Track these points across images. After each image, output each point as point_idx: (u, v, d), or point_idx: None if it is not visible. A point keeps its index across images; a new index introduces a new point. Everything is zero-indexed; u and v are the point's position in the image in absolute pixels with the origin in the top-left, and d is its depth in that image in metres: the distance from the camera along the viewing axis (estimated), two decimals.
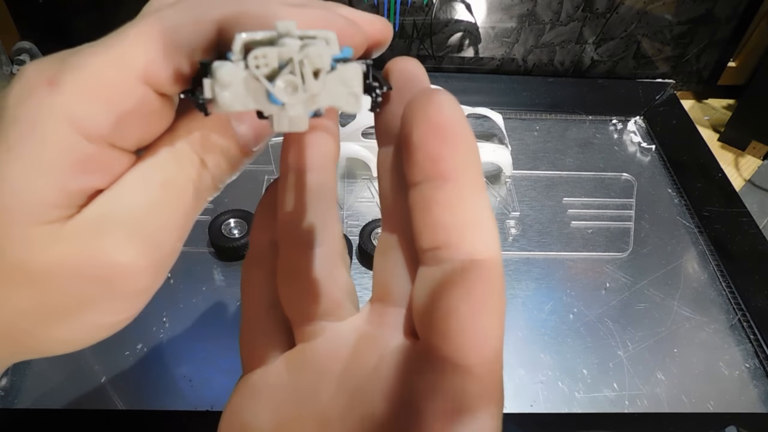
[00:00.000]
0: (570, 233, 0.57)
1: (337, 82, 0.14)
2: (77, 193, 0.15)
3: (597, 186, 0.62)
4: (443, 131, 0.14)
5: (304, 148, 0.18)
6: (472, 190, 0.14)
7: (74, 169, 0.14)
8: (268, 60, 0.13)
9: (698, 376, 0.46)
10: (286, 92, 0.14)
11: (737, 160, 0.71)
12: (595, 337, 0.48)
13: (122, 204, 0.15)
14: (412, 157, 0.14)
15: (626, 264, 0.54)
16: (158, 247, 0.16)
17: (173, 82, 0.15)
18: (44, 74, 0.14)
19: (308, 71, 0.14)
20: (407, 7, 0.68)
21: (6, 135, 0.14)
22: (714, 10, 0.71)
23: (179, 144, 0.16)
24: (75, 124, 0.14)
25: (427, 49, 0.73)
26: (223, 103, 0.14)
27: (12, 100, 0.15)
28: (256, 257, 0.20)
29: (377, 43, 0.20)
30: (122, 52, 0.15)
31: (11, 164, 0.14)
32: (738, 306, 0.51)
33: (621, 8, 0.70)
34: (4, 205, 0.14)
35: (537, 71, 0.77)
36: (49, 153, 0.14)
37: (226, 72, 0.13)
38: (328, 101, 0.14)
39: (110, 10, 0.70)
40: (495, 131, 0.65)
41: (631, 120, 0.70)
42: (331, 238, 0.18)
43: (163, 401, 0.42)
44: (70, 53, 0.15)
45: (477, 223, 0.14)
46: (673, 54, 0.75)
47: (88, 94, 0.14)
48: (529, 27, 0.72)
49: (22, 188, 0.14)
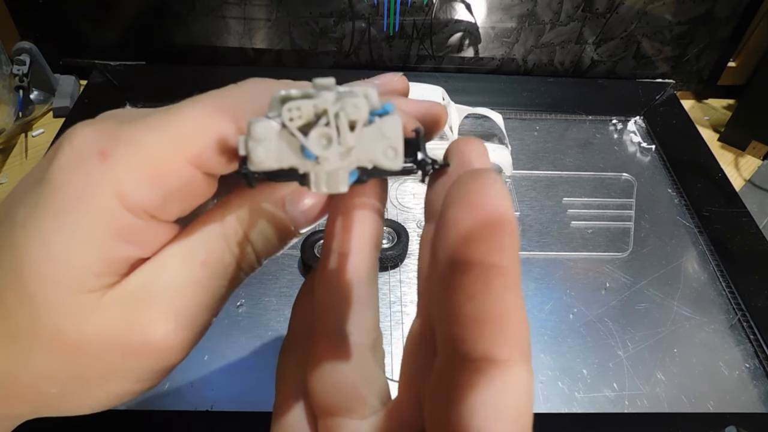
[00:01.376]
0: (570, 233, 0.57)
1: (374, 135, 0.13)
2: (119, 262, 0.15)
3: (597, 186, 0.62)
4: (484, 215, 0.13)
5: (347, 228, 0.17)
6: (506, 282, 0.12)
7: (117, 240, 0.15)
8: (302, 112, 0.13)
9: (698, 376, 0.46)
10: (320, 144, 0.13)
11: (737, 160, 0.71)
12: (595, 337, 0.48)
13: (163, 279, 0.15)
14: (446, 237, 0.13)
15: (626, 264, 0.54)
16: (193, 324, 0.16)
17: (224, 166, 0.15)
18: (96, 143, 0.14)
19: (344, 123, 0.13)
20: (407, 7, 0.68)
21: (53, 201, 0.14)
22: (714, 10, 0.71)
23: (228, 220, 0.16)
24: (122, 198, 0.14)
25: (427, 49, 0.73)
26: (257, 159, 0.13)
27: (61, 163, 0.14)
28: (292, 342, 0.19)
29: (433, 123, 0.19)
30: (178, 135, 0.15)
31: (57, 231, 0.14)
32: (738, 306, 0.51)
33: (621, 8, 0.70)
34: (46, 271, 0.14)
35: (537, 71, 0.77)
36: (95, 224, 0.14)
37: (260, 127, 0.13)
38: (365, 155, 0.13)
39: (110, 11, 0.70)
40: (495, 131, 0.65)
41: (631, 120, 0.70)
42: (364, 329, 0.17)
43: (163, 401, 0.42)
44: (125, 120, 0.15)
45: (503, 318, 0.12)
46: (673, 54, 0.75)
47: (138, 171, 0.14)
48: (529, 27, 0.72)
49: (65, 256, 0.14)
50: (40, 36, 0.69)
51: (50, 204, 0.14)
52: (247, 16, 0.70)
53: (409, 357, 0.16)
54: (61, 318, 0.14)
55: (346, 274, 0.17)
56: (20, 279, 0.14)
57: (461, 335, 0.12)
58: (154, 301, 0.15)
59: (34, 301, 0.14)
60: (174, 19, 0.70)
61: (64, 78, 0.71)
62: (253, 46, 0.73)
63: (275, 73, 0.69)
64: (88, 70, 0.71)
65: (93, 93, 0.69)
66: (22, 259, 0.14)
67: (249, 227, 0.16)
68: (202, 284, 0.16)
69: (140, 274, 0.15)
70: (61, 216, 0.14)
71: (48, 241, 0.14)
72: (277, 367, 0.20)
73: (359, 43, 0.72)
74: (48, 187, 0.14)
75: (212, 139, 0.15)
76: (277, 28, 0.71)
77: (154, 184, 0.14)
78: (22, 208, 0.15)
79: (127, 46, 0.73)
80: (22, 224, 0.14)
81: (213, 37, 0.72)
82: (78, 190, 0.14)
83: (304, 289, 0.19)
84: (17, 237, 0.14)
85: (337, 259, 0.17)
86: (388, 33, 0.71)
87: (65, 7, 0.69)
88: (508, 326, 0.12)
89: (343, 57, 0.74)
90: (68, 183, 0.14)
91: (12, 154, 0.65)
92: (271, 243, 0.17)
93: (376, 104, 0.13)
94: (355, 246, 0.17)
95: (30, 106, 0.68)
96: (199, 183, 0.15)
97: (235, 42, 0.72)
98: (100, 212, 0.14)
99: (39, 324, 0.14)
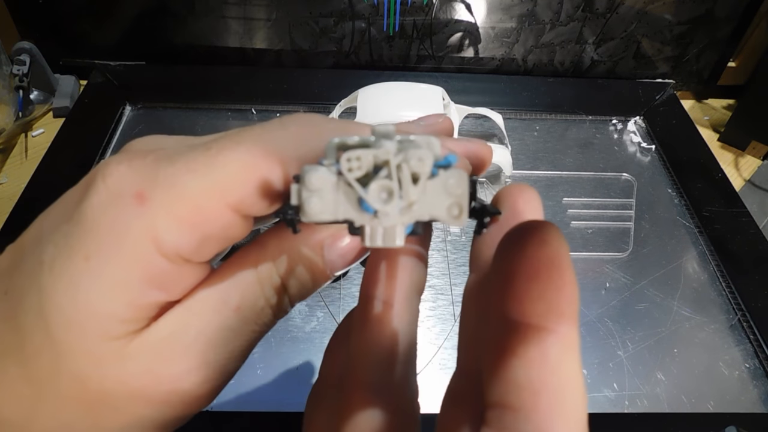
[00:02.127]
0: (570, 233, 0.57)
1: (438, 190, 0.12)
2: (148, 307, 0.14)
3: (597, 186, 0.62)
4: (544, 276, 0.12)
5: (392, 275, 0.16)
6: (565, 346, 0.11)
7: (148, 286, 0.14)
8: (362, 163, 0.12)
9: (698, 376, 0.46)
10: (380, 199, 0.12)
11: (737, 160, 0.71)
12: (595, 337, 0.48)
13: (194, 327, 0.15)
14: (499, 293, 0.12)
15: (626, 264, 0.54)
16: (223, 372, 0.15)
17: (265, 209, 0.14)
18: (133, 184, 0.14)
19: (406, 176, 0.12)
20: (407, 7, 0.68)
21: (85, 242, 0.14)
22: (714, 10, 0.71)
23: (263, 267, 0.16)
24: (157, 242, 0.14)
25: (427, 49, 0.73)
26: (312, 211, 0.12)
27: (94, 203, 0.14)
28: (321, 392, 0.18)
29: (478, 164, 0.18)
30: (222, 181, 0.14)
31: (86, 276, 0.13)
32: (738, 306, 0.51)
33: (621, 8, 0.70)
34: (72, 317, 0.13)
35: (537, 71, 0.77)
36: (127, 269, 0.14)
37: (316, 176, 0.12)
38: (427, 212, 0.12)
39: (110, 11, 0.70)
40: (495, 131, 0.65)
41: (631, 120, 0.70)
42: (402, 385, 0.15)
43: None
44: (161, 157, 0.14)
45: (560, 389, 0.11)
46: (673, 54, 0.75)
47: (176, 217, 0.14)
48: (529, 27, 0.72)
49: (94, 302, 0.13)
50: (40, 36, 0.69)
51: (81, 246, 0.13)
52: (247, 16, 0.70)
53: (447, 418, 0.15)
54: (85, 366, 0.14)
55: (388, 324, 0.15)
56: (45, 323, 0.13)
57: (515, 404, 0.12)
58: (184, 351, 0.14)
59: (57, 346, 0.14)
60: (174, 19, 0.70)
61: (64, 78, 0.71)
62: (253, 46, 0.73)
63: (275, 73, 0.69)
64: (88, 70, 0.71)
65: (93, 93, 0.69)
66: (48, 302, 0.13)
67: (286, 274, 0.16)
68: (235, 331, 0.15)
69: (169, 320, 0.15)
70: (92, 260, 0.13)
71: (76, 286, 0.13)
72: (305, 413, 0.18)
73: (359, 43, 0.72)
74: (79, 227, 0.14)
75: (255, 185, 0.14)
76: (277, 28, 0.71)
77: (192, 230, 0.14)
78: (50, 246, 0.14)
79: (127, 46, 0.73)
80: (49, 265, 0.14)
81: (213, 37, 0.72)
82: (112, 234, 0.13)
83: (338, 334, 0.18)
84: (44, 279, 0.14)
85: (379, 308, 0.16)
86: (388, 33, 0.71)
87: (65, 7, 0.69)
88: (564, 400, 0.11)
89: (343, 57, 0.74)
90: (102, 225, 0.13)
91: (12, 154, 0.65)
92: (305, 288, 0.16)
93: (439, 155, 0.13)
94: (400, 295, 0.16)
95: (30, 106, 0.68)
96: (236, 225, 0.15)
97: (235, 42, 0.72)
98: (133, 258, 0.14)
99: (61, 371, 0.14)
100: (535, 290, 0.12)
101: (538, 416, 0.11)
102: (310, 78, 0.72)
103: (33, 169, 0.59)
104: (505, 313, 0.12)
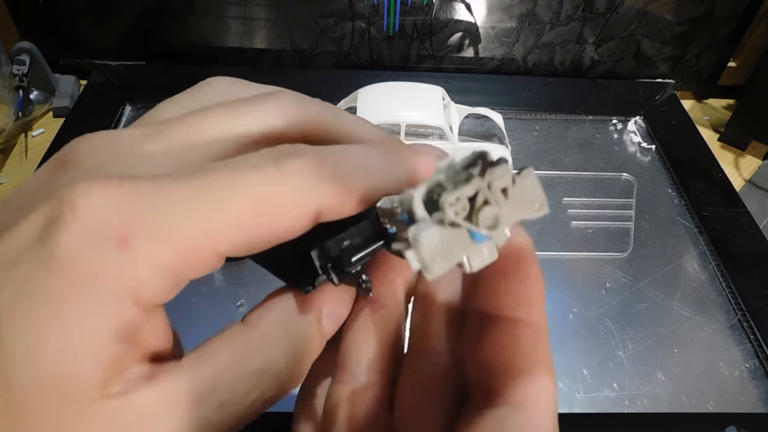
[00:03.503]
0: (570, 233, 0.57)
1: (519, 194, 0.13)
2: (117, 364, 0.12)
3: (597, 186, 0.62)
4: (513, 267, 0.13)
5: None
6: (534, 333, 0.13)
7: (118, 340, 0.12)
8: (462, 202, 0.12)
9: (698, 376, 0.46)
10: (488, 225, 0.12)
11: (737, 160, 0.71)
12: (595, 337, 0.48)
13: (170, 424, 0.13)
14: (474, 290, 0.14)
15: (626, 264, 0.54)
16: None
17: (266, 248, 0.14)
18: (111, 223, 0.12)
19: (499, 195, 0.12)
20: (407, 7, 0.68)
21: (55, 284, 0.12)
22: (714, 10, 0.71)
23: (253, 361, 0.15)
24: (134, 294, 0.12)
25: (427, 49, 0.73)
26: (438, 270, 0.12)
27: (66, 243, 0.12)
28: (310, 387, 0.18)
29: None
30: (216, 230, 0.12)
31: (52, 328, 0.12)
32: (738, 306, 0.51)
33: (621, 8, 0.70)
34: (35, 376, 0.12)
35: (537, 71, 0.77)
36: (98, 322, 0.12)
37: (428, 236, 0.12)
38: (516, 216, 0.13)
39: (110, 11, 0.70)
40: (495, 131, 0.65)
41: (631, 120, 0.70)
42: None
43: None
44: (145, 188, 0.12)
45: (531, 371, 0.13)
46: (673, 54, 0.75)
47: (159, 263, 0.12)
48: (529, 27, 0.72)
49: (59, 360, 0.12)
50: (40, 36, 0.69)
51: (48, 292, 0.12)
52: (246, 16, 0.70)
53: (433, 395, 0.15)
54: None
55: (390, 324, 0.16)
56: (4, 382, 0.12)
57: (493, 387, 0.13)
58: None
59: (17, 411, 0.12)
60: (174, 19, 0.70)
61: (64, 78, 0.71)
62: (253, 46, 0.73)
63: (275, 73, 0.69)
64: (88, 70, 0.71)
65: (93, 93, 0.69)
66: (6, 358, 0.11)
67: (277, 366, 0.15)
68: (217, 427, 0.14)
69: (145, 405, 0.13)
70: (61, 309, 0.12)
71: (41, 340, 0.11)
72: (295, 407, 0.19)
73: (359, 43, 0.72)
74: (46, 269, 0.12)
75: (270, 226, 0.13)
76: (277, 28, 0.71)
77: (174, 277, 0.13)
78: (9, 286, 0.12)
79: (127, 46, 0.73)
80: (8, 313, 0.12)
81: (213, 37, 0.72)
82: (86, 280, 0.12)
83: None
84: (2, 328, 0.12)
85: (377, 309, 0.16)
86: (388, 33, 0.71)
87: (65, 7, 0.69)
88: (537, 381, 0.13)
89: (343, 57, 0.74)
90: (75, 270, 0.12)
91: (12, 154, 0.65)
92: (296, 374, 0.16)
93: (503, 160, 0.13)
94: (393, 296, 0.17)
95: (30, 106, 0.68)
96: (216, 265, 0.13)
97: (235, 42, 0.72)
98: (106, 310, 0.12)
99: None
100: (504, 285, 0.13)
101: (514, 397, 0.13)
102: (310, 78, 0.72)
103: (33, 169, 0.59)
104: (480, 308, 0.14)
